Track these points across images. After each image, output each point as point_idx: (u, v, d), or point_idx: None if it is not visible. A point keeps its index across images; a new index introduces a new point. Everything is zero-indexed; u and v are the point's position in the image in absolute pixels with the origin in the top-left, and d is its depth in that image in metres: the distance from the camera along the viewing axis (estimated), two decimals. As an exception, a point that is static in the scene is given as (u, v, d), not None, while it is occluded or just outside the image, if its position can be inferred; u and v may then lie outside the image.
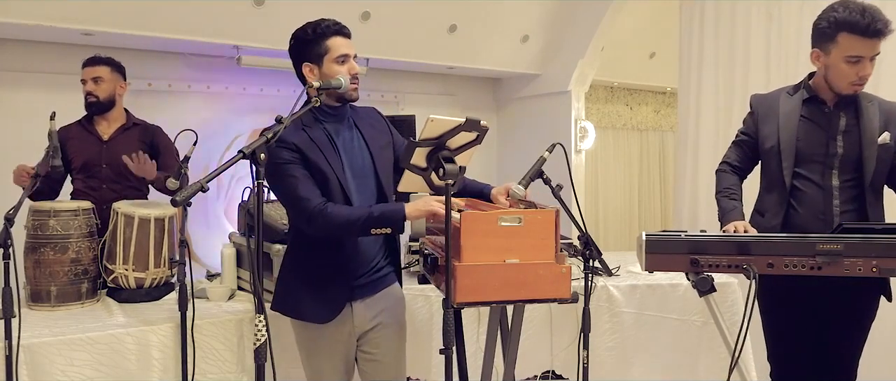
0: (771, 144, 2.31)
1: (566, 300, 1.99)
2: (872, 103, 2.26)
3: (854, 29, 2.09)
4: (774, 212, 2.29)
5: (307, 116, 2.02)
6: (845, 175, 2.24)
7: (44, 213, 2.52)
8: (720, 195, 2.37)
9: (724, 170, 2.44)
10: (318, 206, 1.94)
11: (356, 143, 2.11)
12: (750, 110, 2.43)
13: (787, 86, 2.40)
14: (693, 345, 3.08)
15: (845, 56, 2.13)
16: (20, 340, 2.06)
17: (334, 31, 2.04)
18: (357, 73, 2.04)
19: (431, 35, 4.54)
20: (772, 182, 2.34)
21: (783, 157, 2.27)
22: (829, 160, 2.25)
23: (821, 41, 2.20)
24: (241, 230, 2.97)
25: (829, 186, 2.25)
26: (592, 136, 5.26)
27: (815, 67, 2.25)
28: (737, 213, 2.26)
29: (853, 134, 2.23)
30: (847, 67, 2.14)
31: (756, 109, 2.40)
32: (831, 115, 2.26)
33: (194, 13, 3.64)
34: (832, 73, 2.19)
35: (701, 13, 4.19)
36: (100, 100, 3.01)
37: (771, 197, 2.33)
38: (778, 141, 2.29)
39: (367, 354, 2.16)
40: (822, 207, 2.25)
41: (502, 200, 2.21)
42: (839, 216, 2.23)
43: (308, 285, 2.07)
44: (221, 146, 4.41)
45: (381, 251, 2.15)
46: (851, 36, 2.11)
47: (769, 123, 2.33)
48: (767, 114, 2.34)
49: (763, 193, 2.38)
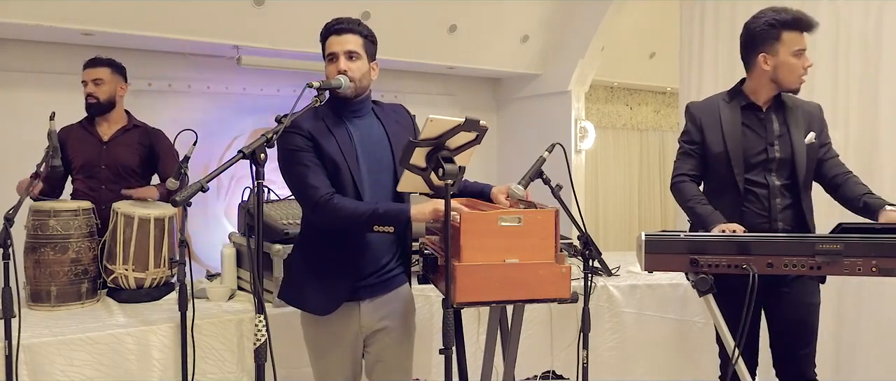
0: (718, 150, 2.41)
1: (566, 300, 1.99)
2: (794, 106, 2.43)
3: (795, 25, 2.32)
4: (729, 214, 2.34)
5: (324, 107, 2.02)
6: (783, 176, 2.38)
7: (44, 213, 2.52)
8: (692, 203, 2.39)
9: (684, 180, 2.46)
10: (324, 196, 1.94)
11: (376, 137, 2.10)
12: (690, 119, 2.50)
13: (721, 92, 2.53)
14: (693, 345, 3.08)
15: (793, 51, 2.32)
16: (20, 340, 2.06)
17: (328, 30, 2.05)
18: (344, 70, 2.00)
19: (431, 35, 4.54)
20: (722, 186, 2.42)
21: (733, 163, 2.38)
22: (769, 163, 2.38)
23: (766, 43, 2.34)
24: (241, 230, 2.97)
25: (772, 186, 2.37)
26: (592, 136, 5.26)
27: (764, 69, 2.35)
28: (719, 216, 2.30)
29: (785, 137, 2.39)
30: (795, 60, 2.33)
31: (698, 117, 2.47)
32: (765, 120, 2.41)
33: (194, 13, 3.64)
34: (783, 70, 2.34)
35: (701, 13, 4.19)
36: (100, 101, 3.01)
37: (723, 200, 2.40)
38: (725, 148, 2.39)
39: (373, 355, 2.16)
40: (767, 204, 2.37)
41: (502, 199, 2.21)
42: (780, 213, 2.36)
43: (312, 275, 2.07)
44: (221, 146, 4.41)
45: (393, 252, 2.15)
46: (793, 32, 2.32)
47: (713, 130, 2.43)
48: (710, 121, 2.44)
49: (710, 195, 2.44)
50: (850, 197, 2.34)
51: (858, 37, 3.44)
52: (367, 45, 2.08)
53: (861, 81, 3.44)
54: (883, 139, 3.35)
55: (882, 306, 3.30)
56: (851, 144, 3.40)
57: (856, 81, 3.45)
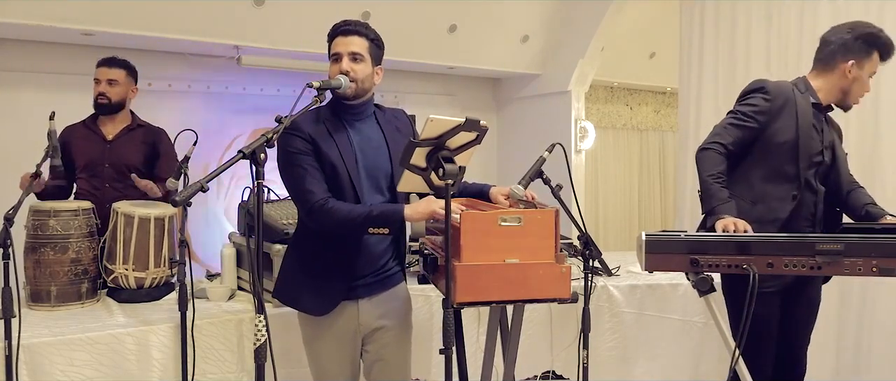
0: (786, 139, 2.27)
1: (566, 300, 1.99)
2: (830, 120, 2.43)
3: (886, 53, 2.31)
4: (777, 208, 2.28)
5: (325, 109, 2.03)
6: (825, 182, 2.38)
7: (44, 213, 2.52)
8: (711, 178, 2.23)
9: (717, 150, 2.26)
10: (319, 200, 1.95)
11: (376, 142, 2.10)
12: (765, 96, 2.29)
13: (795, 79, 2.41)
14: (693, 345, 3.08)
15: (871, 73, 2.34)
16: (20, 340, 2.06)
17: (335, 31, 2.06)
18: (346, 70, 2.00)
19: (431, 35, 4.54)
20: (778, 175, 2.30)
21: (801, 155, 2.29)
22: (821, 167, 2.37)
23: (861, 54, 2.30)
24: (241, 230, 2.97)
25: (820, 192, 2.36)
26: (592, 136, 5.26)
27: (846, 76, 2.31)
28: (731, 207, 2.19)
29: (830, 148, 2.39)
30: (869, 82, 2.35)
31: (774, 98, 2.28)
32: (825, 125, 2.39)
33: (194, 13, 3.64)
34: (858, 85, 2.33)
35: (701, 13, 4.19)
36: (111, 102, 3.01)
37: (777, 189, 2.29)
38: (797, 137, 2.27)
39: (372, 354, 2.16)
40: (812, 208, 2.35)
41: (502, 200, 2.21)
42: (821, 220, 2.36)
43: (308, 277, 2.08)
44: (221, 146, 4.41)
45: (390, 251, 2.15)
46: (878, 57, 2.32)
47: (787, 116, 2.28)
48: (785, 106, 2.29)
49: (761, 182, 2.30)
50: (854, 206, 2.36)
51: (858, 37, 3.44)
52: (373, 48, 2.08)
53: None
54: (883, 139, 3.35)
55: (883, 307, 3.30)
56: (852, 144, 3.39)
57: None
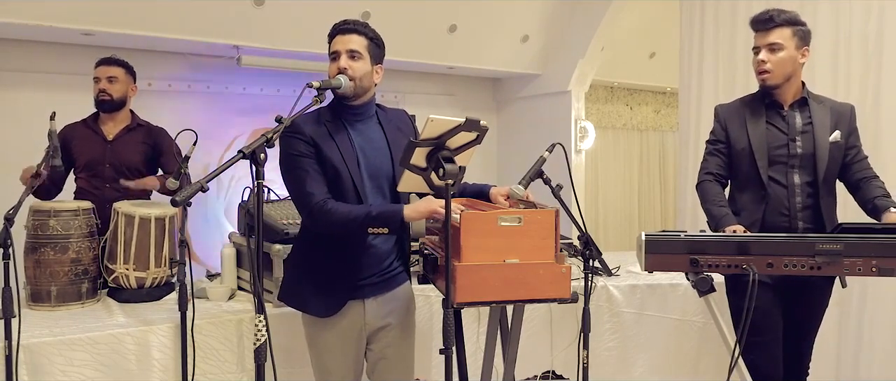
0: (742, 146, 2.43)
1: (566, 300, 1.99)
2: (822, 104, 2.45)
3: (752, 24, 2.43)
4: (751, 210, 2.38)
5: (326, 109, 2.03)
6: (804, 173, 2.38)
7: (44, 213, 2.52)
8: (710, 204, 2.41)
9: (709, 180, 2.47)
10: (319, 202, 1.95)
11: (377, 143, 2.10)
12: (716, 118, 2.54)
13: (744, 96, 2.55)
14: (693, 345, 3.08)
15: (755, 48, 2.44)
16: (20, 340, 2.06)
17: (335, 30, 2.06)
18: (344, 68, 2.00)
19: (431, 35, 4.54)
20: (745, 182, 2.44)
21: (757, 156, 2.39)
22: (791, 160, 2.38)
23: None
24: (241, 230, 2.97)
25: (792, 184, 2.38)
26: (592, 136, 5.26)
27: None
28: (731, 218, 2.32)
29: (808, 134, 2.39)
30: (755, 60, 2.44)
31: (723, 116, 2.52)
32: (788, 116, 2.42)
33: (194, 13, 3.64)
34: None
35: (701, 13, 4.19)
36: (113, 99, 3.02)
37: (745, 196, 2.43)
38: (749, 142, 2.41)
39: (376, 352, 2.16)
40: (786, 203, 2.37)
41: (501, 200, 2.21)
42: (800, 212, 2.37)
43: (312, 279, 2.08)
44: (221, 146, 4.42)
45: (394, 252, 2.15)
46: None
47: (736, 126, 2.46)
48: (733, 119, 2.48)
49: (735, 192, 2.48)
50: (865, 199, 2.36)
51: (858, 37, 3.44)
52: (372, 47, 2.08)
53: (861, 80, 3.44)
54: (884, 139, 3.35)
55: (883, 306, 3.30)
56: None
57: (856, 81, 3.45)
